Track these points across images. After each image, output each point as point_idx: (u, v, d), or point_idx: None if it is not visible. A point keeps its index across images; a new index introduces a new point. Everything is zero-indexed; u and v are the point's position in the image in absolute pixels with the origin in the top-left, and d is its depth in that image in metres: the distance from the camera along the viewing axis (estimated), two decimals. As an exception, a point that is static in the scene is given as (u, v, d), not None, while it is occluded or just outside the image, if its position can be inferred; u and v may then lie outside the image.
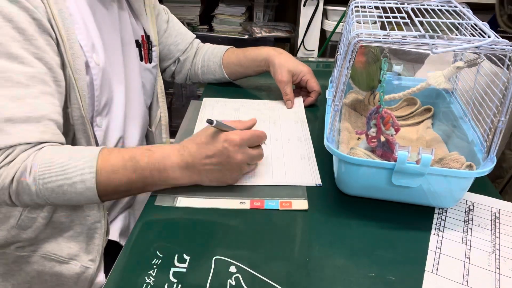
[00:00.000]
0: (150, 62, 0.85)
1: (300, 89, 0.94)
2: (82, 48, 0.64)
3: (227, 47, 0.98)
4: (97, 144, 0.70)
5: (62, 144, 0.60)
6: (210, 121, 0.58)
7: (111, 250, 0.77)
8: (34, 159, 0.55)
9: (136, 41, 0.82)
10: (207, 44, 1.01)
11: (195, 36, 0.99)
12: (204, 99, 0.93)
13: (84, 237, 0.68)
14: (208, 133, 0.60)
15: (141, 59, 0.83)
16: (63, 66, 0.61)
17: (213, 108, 0.89)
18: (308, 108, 0.90)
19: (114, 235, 0.78)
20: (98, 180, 0.56)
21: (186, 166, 0.59)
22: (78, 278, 0.69)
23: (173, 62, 0.97)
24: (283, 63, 0.88)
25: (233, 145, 0.59)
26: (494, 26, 0.92)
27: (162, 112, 0.91)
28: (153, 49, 0.85)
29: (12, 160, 0.55)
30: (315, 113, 0.89)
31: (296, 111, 0.88)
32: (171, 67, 0.98)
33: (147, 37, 0.84)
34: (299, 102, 0.91)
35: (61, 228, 0.67)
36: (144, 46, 0.83)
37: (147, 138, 0.93)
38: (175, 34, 0.94)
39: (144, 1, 0.84)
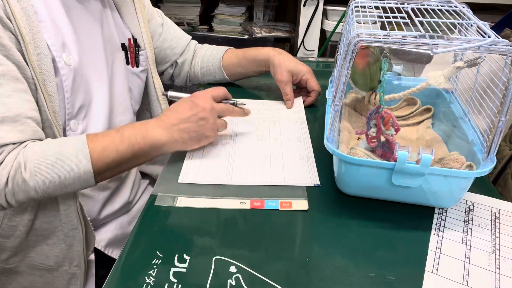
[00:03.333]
0: (137, 67, 0.83)
1: (300, 89, 0.94)
2: (49, 47, 0.61)
3: (226, 48, 0.97)
4: None
5: (42, 139, 0.59)
6: (165, 94, 0.71)
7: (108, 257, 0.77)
8: (24, 155, 0.55)
9: (122, 44, 0.79)
10: (205, 45, 1.00)
11: (191, 37, 0.98)
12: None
13: (65, 244, 0.67)
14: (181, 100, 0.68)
15: (128, 63, 0.81)
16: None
17: None
18: (308, 108, 0.90)
19: (100, 245, 0.76)
20: (92, 161, 0.58)
21: (165, 126, 0.64)
22: (69, 284, 0.69)
23: (170, 65, 0.96)
24: (282, 63, 0.88)
25: (196, 96, 0.66)
26: (502, 25, 0.91)
27: None
28: (140, 53, 0.82)
29: (2, 161, 0.54)
30: (315, 113, 0.89)
31: (296, 111, 0.88)
32: (169, 70, 0.97)
33: (135, 40, 0.81)
34: (299, 102, 0.91)
35: (44, 235, 0.66)
36: (131, 50, 0.81)
37: None
38: (171, 38, 0.92)
39: (135, 4, 0.81)
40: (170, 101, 0.79)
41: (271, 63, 0.89)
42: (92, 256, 0.73)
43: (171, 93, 0.72)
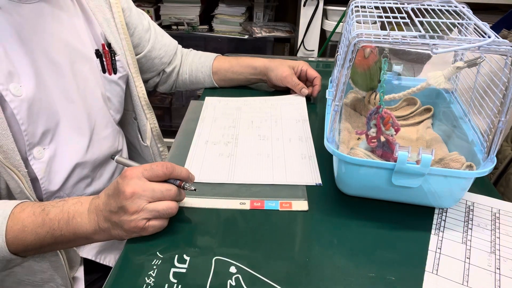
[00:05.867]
0: (115, 73, 0.76)
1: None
2: None
3: (215, 55, 0.98)
4: (34, 181, 0.64)
5: None
6: (112, 157, 0.62)
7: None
8: None
9: (97, 51, 0.73)
10: (192, 51, 1.00)
11: (177, 43, 0.96)
12: (206, 98, 0.93)
13: (50, 265, 0.65)
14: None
15: (104, 71, 0.75)
16: None
17: (215, 108, 0.89)
18: (309, 107, 0.90)
19: (90, 254, 0.74)
20: (8, 241, 0.53)
21: (94, 210, 0.54)
22: None
23: (156, 74, 0.94)
24: (279, 64, 0.93)
25: (123, 177, 0.52)
26: (500, 26, 0.92)
27: (151, 123, 0.87)
28: (116, 58, 0.76)
29: None
30: (315, 113, 0.89)
31: (298, 108, 0.88)
32: (155, 79, 0.95)
33: (108, 45, 0.75)
34: (301, 100, 0.91)
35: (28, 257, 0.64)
36: (106, 56, 0.74)
37: (143, 153, 0.90)
38: (159, 47, 0.90)
39: (112, 9, 0.76)
40: (170, 101, 0.75)
41: (268, 69, 0.92)
42: (79, 273, 0.71)
43: (118, 158, 0.62)
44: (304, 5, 1.60)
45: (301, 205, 0.60)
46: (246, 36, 1.83)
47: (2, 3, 0.59)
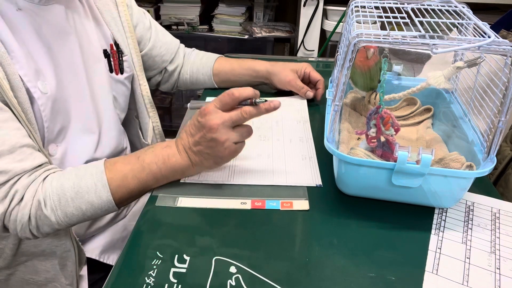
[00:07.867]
0: (122, 73, 0.78)
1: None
2: (22, 79, 0.58)
3: (217, 55, 0.98)
4: None
5: (44, 162, 0.58)
6: (186, 107, 0.63)
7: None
8: (43, 191, 0.55)
9: (105, 51, 0.75)
10: (195, 51, 0.99)
11: (179, 42, 0.96)
12: (207, 98, 0.93)
13: (57, 263, 0.66)
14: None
15: (111, 71, 0.76)
16: None
17: None
18: (310, 108, 0.90)
19: (94, 253, 0.75)
20: (112, 191, 0.58)
21: (183, 149, 0.61)
22: None
23: (158, 72, 0.94)
24: (282, 68, 0.92)
25: (203, 114, 0.58)
26: (498, 27, 0.92)
27: (154, 122, 0.87)
28: (124, 58, 0.77)
29: (21, 199, 0.55)
30: (317, 114, 0.89)
31: (299, 109, 0.88)
32: (157, 77, 0.95)
33: (117, 45, 0.76)
34: (302, 101, 0.91)
35: (33, 255, 0.66)
36: (114, 56, 0.76)
37: None
38: (160, 45, 0.89)
39: (118, 7, 0.77)
40: (171, 101, 0.76)
41: (271, 73, 0.92)
42: (83, 272, 0.72)
43: (192, 103, 0.69)
44: (304, 5, 1.61)
45: (302, 204, 0.60)
46: (246, 36, 1.83)
47: (22, 5, 0.60)
